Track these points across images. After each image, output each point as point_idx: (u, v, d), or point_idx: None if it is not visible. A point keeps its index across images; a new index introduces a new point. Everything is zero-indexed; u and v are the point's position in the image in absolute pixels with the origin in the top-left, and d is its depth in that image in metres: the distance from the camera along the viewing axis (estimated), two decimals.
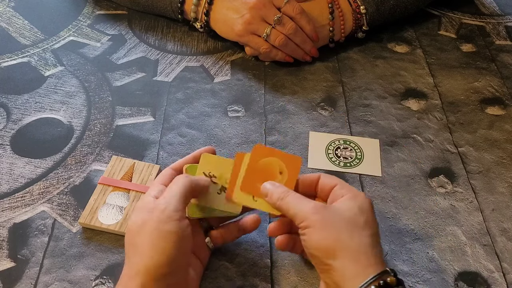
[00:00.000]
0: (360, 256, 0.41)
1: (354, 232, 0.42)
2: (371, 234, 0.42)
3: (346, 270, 0.40)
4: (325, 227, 0.42)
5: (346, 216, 0.43)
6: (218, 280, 0.49)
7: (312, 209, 0.43)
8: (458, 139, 0.63)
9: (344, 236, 0.41)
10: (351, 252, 0.41)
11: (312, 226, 0.42)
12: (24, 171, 0.58)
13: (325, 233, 0.42)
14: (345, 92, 0.69)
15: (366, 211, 0.44)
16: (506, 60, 0.74)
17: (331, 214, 0.43)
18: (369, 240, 0.42)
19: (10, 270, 0.49)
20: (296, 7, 0.68)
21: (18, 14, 0.81)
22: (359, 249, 0.41)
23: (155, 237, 0.41)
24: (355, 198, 0.44)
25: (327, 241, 0.41)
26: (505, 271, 0.50)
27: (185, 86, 0.69)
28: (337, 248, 0.41)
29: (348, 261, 0.40)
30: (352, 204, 0.44)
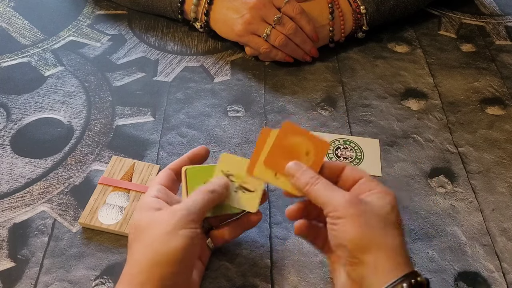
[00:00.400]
0: (392, 254, 0.41)
1: (388, 230, 0.42)
2: (401, 233, 0.42)
3: (378, 265, 0.40)
4: (361, 221, 0.41)
5: (381, 213, 0.42)
6: (218, 280, 0.49)
7: (348, 201, 0.42)
8: (458, 139, 0.63)
9: (378, 232, 0.41)
10: (385, 249, 0.40)
11: (347, 218, 0.41)
12: (24, 171, 0.58)
13: (361, 226, 0.41)
14: (345, 92, 0.69)
15: (396, 210, 0.43)
16: (506, 60, 0.74)
17: (367, 208, 0.42)
18: (400, 239, 0.42)
19: (10, 270, 0.49)
20: (296, 7, 0.68)
21: (18, 14, 0.81)
22: (392, 247, 0.41)
23: (168, 237, 0.41)
24: (386, 195, 0.44)
25: (362, 234, 0.41)
26: (505, 271, 0.50)
27: (185, 86, 0.69)
28: (371, 242, 0.41)
29: (382, 257, 0.40)
30: (385, 202, 0.43)
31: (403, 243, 0.42)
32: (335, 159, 0.60)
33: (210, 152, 0.60)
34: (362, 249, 0.41)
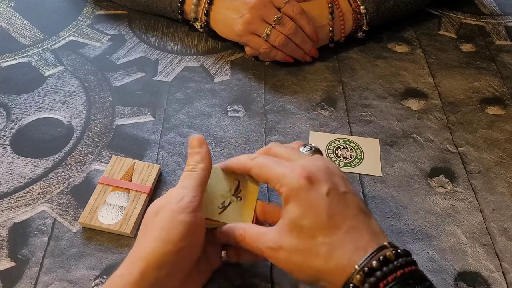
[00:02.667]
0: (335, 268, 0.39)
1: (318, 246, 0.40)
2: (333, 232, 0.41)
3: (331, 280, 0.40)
4: (293, 264, 0.41)
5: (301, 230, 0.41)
6: (218, 280, 0.49)
7: (273, 244, 0.42)
8: (458, 139, 0.63)
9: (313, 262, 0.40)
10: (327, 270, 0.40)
11: (283, 261, 0.42)
12: (24, 171, 0.58)
13: (298, 268, 0.41)
14: (345, 92, 0.69)
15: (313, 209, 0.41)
16: (506, 60, 0.74)
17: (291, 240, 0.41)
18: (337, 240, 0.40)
19: (10, 270, 0.49)
20: (296, 7, 0.68)
21: (18, 14, 0.81)
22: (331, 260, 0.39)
23: (166, 225, 0.41)
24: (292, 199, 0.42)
25: (305, 275, 0.41)
26: (505, 271, 0.50)
27: (185, 86, 0.69)
28: (315, 275, 0.40)
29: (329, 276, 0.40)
30: (295, 209, 0.42)
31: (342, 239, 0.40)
32: (335, 159, 0.60)
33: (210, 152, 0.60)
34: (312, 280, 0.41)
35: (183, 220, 0.41)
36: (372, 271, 0.38)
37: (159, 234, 0.41)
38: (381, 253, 0.39)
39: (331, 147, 0.61)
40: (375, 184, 0.58)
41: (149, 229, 0.42)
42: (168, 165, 0.59)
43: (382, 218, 0.54)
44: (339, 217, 0.41)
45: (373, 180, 0.58)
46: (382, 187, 0.58)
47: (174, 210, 0.42)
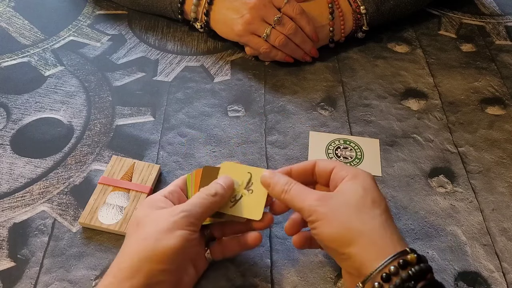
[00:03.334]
0: (375, 239, 0.40)
1: (364, 215, 0.41)
2: (381, 212, 0.42)
3: (364, 255, 0.40)
4: (334, 218, 0.41)
5: (352, 200, 0.42)
6: (218, 280, 0.49)
7: (317, 202, 0.42)
8: (458, 139, 0.63)
9: (355, 222, 0.41)
10: (365, 237, 0.40)
11: (321, 219, 0.42)
12: (24, 171, 0.58)
13: (335, 223, 0.41)
14: (345, 92, 0.69)
15: (370, 190, 0.43)
16: (506, 60, 0.74)
17: (337, 202, 0.42)
18: (381, 219, 0.41)
19: (10, 270, 0.49)
20: (296, 8, 0.68)
21: (18, 14, 0.81)
22: (373, 231, 0.41)
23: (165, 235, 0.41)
24: (356, 178, 0.44)
25: (339, 231, 0.41)
26: (505, 271, 0.50)
27: (185, 86, 0.69)
28: (350, 235, 0.40)
29: (365, 246, 0.40)
30: (355, 186, 0.43)
31: (387, 220, 0.42)
32: (335, 159, 0.60)
33: (210, 152, 0.60)
34: (344, 244, 0.41)
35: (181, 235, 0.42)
36: (407, 265, 0.39)
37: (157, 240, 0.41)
38: (418, 258, 0.40)
39: (331, 147, 0.61)
40: None
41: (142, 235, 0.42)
42: (168, 165, 0.59)
43: None
44: (388, 215, 0.43)
45: None
46: (382, 187, 0.58)
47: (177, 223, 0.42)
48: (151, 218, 0.43)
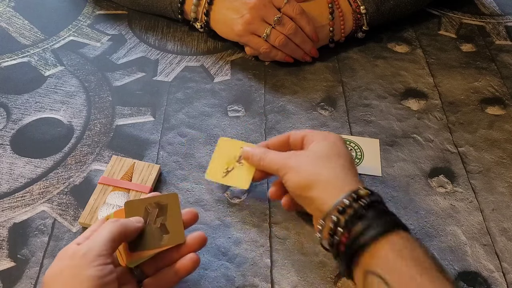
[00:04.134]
0: (333, 181, 0.46)
1: (326, 164, 0.47)
2: (343, 163, 0.47)
3: (323, 196, 0.45)
4: (299, 167, 0.47)
5: (318, 153, 0.48)
6: (218, 280, 0.49)
7: (286, 157, 0.49)
8: (458, 139, 0.63)
9: (317, 170, 0.47)
10: (325, 180, 0.46)
11: (289, 171, 0.48)
12: (24, 171, 0.58)
13: (300, 172, 0.47)
14: (345, 92, 0.69)
15: (337, 146, 0.49)
16: (506, 60, 0.74)
17: (304, 155, 0.49)
18: (342, 167, 0.47)
19: (10, 270, 0.50)
20: (296, 8, 0.68)
21: (18, 14, 0.81)
22: (332, 176, 0.46)
23: (71, 283, 0.38)
24: (325, 138, 0.50)
25: (303, 177, 0.47)
26: (505, 271, 0.50)
27: (185, 86, 0.69)
28: (312, 181, 0.46)
29: (323, 188, 0.46)
30: (323, 143, 0.49)
31: (348, 167, 0.47)
32: None
33: (210, 152, 0.60)
34: (306, 189, 0.46)
35: (90, 274, 0.38)
36: (358, 198, 0.44)
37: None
38: (368, 191, 0.45)
39: None
40: (375, 184, 0.58)
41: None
42: (168, 165, 0.59)
43: None
44: (347, 158, 0.49)
45: (373, 180, 0.58)
46: (382, 187, 0.58)
47: (81, 265, 0.38)
48: (57, 272, 0.40)
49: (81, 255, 0.39)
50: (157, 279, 0.45)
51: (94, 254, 0.39)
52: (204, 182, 0.57)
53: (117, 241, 0.42)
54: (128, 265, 0.44)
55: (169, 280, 0.45)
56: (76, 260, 0.39)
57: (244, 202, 0.56)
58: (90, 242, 0.41)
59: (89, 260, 0.39)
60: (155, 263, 0.45)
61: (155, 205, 0.47)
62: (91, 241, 0.41)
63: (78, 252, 0.40)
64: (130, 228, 0.43)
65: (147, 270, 0.45)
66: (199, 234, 0.46)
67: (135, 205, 0.46)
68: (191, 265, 0.45)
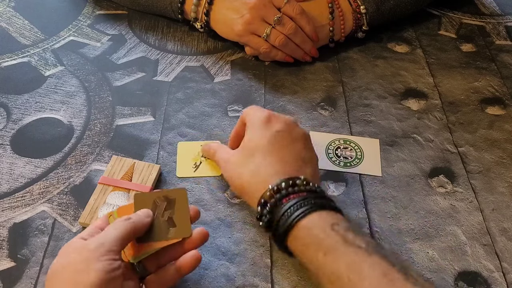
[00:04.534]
0: (254, 189, 0.49)
1: (248, 167, 0.50)
2: (264, 155, 0.50)
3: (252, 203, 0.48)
4: (231, 177, 0.51)
5: (245, 150, 0.51)
6: (218, 280, 0.49)
7: (225, 161, 0.53)
8: (458, 139, 0.63)
9: (241, 180, 0.50)
10: (247, 186, 0.49)
11: (226, 178, 0.53)
12: (24, 171, 0.58)
13: (231, 181, 0.51)
14: (345, 92, 0.69)
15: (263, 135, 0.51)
16: (506, 60, 0.74)
17: (234, 157, 0.52)
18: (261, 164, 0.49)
19: (10, 270, 0.50)
20: (296, 7, 0.68)
21: (18, 14, 0.81)
22: (252, 178, 0.49)
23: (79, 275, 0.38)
24: (254, 125, 0.52)
25: (234, 187, 0.52)
26: (505, 271, 0.50)
27: (185, 86, 0.69)
28: (239, 191, 0.51)
29: (250, 196, 0.49)
30: (251, 133, 0.52)
31: (268, 159, 0.49)
32: (335, 159, 0.60)
33: None
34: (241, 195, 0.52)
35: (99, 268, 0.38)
36: (280, 190, 0.45)
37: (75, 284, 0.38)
38: (293, 179, 0.46)
39: (331, 147, 0.61)
40: (375, 184, 0.58)
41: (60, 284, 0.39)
42: (168, 165, 0.59)
43: (382, 218, 0.54)
44: (277, 148, 0.49)
45: (373, 180, 0.58)
46: (382, 187, 0.58)
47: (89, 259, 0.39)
48: (64, 265, 0.40)
49: (91, 249, 0.40)
50: (159, 276, 0.45)
51: (105, 249, 0.40)
52: (204, 182, 0.58)
53: (127, 239, 0.42)
54: (131, 261, 0.44)
55: (171, 277, 0.45)
56: (84, 254, 0.40)
57: (244, 202, 0.56)
58: (101, 237, 0.41)
59: (99, 254, 0.39)
60: (157, 260, 0.46)
61: (164, 198, 0.47)
62: (102, 237, 0.41)
63: (87, 246, 0.40)
64: (140, 226, 0.44)
65: (149, 266, 0.45)
66: (201, 229, 0.47)
67: (144, 198, 0.47)
68: (193, 262, 0.45)
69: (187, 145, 0.61)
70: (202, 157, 0.60)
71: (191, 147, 0.61)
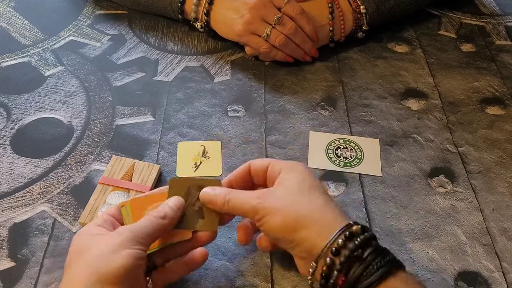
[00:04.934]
0: (319, 219, 0.42)
1: (304, 199, 0.43)
2: (319, 195, 0.44)
3: (311, 237, 0.42)
4: (277, 209, 0.43)
5: (290, 189, 0.44)
6: (218, 280, 0.49)
7: (258, 200, 0.44)
8: (458, 139, 0.63)
9: (297, 207, 0.43)
10: (309, 219, 0.42)
11: (266, 214, 0.43)
12: (24, 171, 0.58)
13: (279, 213, 0.43)
14: (345, 92, 0.69)
15: (306, 177, 0.45)
16: (506, 60, 0.74)
17: (277, 194, 0.44)
18: (320, 201, 0.43)
19: (10, 270, 0.50)
20: (296, 7, 0.68)
21: (18, 14, 0.81)
22: (315, 212, 0.43)
23: (111, 257, 0.39)
24: (291, 170, 0.46)
25: (284, 219, 0.42)
26: (505, 271, 0.50)
27: (185, 86, 0.69)
28: (295, 221, 0.42)
29: (311, 227, 0.42)
30: (291, 177, 0.45)
31: (327, 200, 0.44)
32: (335, 159, 0.60)
33: None
34: (292, 231, 0.42)
35: (128, 253, 0.39)
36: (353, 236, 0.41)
37: (107, 258, 0.39)
38: (349, 230, 0.41)
39: (331, 147, 0.61)
40: (375, 184, 0.58)
41: (83, 261, 0.39)
42: (168, 165, 0.59)
43: (382, 218, 0.54)
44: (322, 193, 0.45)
45: (373, 180, 0.58)
46: (382, 187, 0.58)
47: (125, 240, 0.40)
48: (94, 244, 0.40)
49: (127, 235, 0.40)
50: (166, 270, 0.46)
51: (138, 240, 0.40)
52: None
53: (158, 236, 0.43)
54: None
55: (177, 272, 0.46)
56: (117, 239, 0.40)
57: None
58: (135, 228, 0.41)
59: (132, 242, 0.40)
60: (164, 254, 0.46)
61: (197, 187, 0.47)
62: (137, 228, 0.41)
63: (123, 233, 0.41)
64: (172, 223, 0.44)
65: (156, 260, 0.46)
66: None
67: (179, 183, 0.47)
68: (201, 258, 0.46)
69: (187, 145, 0.61)
70: (202, 157, 0.60)
71: (191, 147, 0.61)
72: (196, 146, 0.61)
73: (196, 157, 0.60)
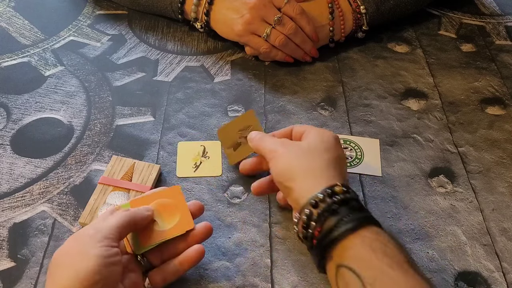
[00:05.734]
0: (313, 175, 0.46)
1: (313, 157, 0.48)
2: (329, 157, 0.48)
3: (302, 187, 0.46)
4: (285, 156, 0.48)
5: (307, 146, 0.49)
6: (218, 280, 0.49)
7: (278, 143, 0.50)
8: (458, 139, 0.63)
9: (301, 161, 0.47)
10: (307, 172, 0.46)
11: (276, 157, 0.49)
12: (24, 171, 0.58)
13: (285, 160, 0.48)
14: (345, 92, 0.69)
15: (328, 142, 0.49)
16: (506, 60, 0.74)
17: (295, 146, 0.49)
18: (327, 162, 0.47)
19: (10, 270, 0.50)
20: (296, 8, 0.68)
21: (18, 14, 0.81)
22: (315, 169, 0.47)
23: (77, 260, 0.39)
24: (320, 133, 0.50)
25: (285, 167, 0.48)
26: (505, 271, 0.50)
27: (185, 86, 0.69)
28: (295, 171, 0.47)
29: (303, 179, 0.46)
30: (316, 138, 0.50)
31: (334, 164, 0.48)
32: None
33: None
34: (288, 179, 0.47)
35: (95, 253, 0.39)
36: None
37: (72, 268, 0.39)
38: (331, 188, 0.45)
39: None
40: (375, 184, 0.58)
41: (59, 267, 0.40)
42: (168, 165, 0.59)
43: (382, 218, 0.54)
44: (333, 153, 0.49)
45: (373, 180, 0.58)
46: (382, 187, 0.58)
47: (86, 243, 0.40)
48: (63, 252, 0.41)
49: (89, 234, 0.41)
50: (163, 270, 0.46)
51: (101, 235, 0.41)
52: (204, 182, 0.58)
53: (125, 228, 0.43)
54: (135, 252, 0.45)
55: (175, 271, 0.46)
56: (82, 240, 0.41)
57: (244, 202, 0.56)
58: (98, 225, 0.43)
59: (96, 240, 0.41)
60: (161, 254, 0.47)
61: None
62: (99, 225, 0.43)
63: (85, 232, 0.42)
64: (139, 218, 0.45)
65: (153, 260, 0.46)
66: (205, 223, 0.48)
67: (227, 129, 0.60)
68: (197, 255, 0.47)
69: (187, 145, 0.61)
70: (202, 157, 0.60)
71: (191, 147, 0.61)
72: (196, 146, 0.61)
73: (196, 157, 0.60)
